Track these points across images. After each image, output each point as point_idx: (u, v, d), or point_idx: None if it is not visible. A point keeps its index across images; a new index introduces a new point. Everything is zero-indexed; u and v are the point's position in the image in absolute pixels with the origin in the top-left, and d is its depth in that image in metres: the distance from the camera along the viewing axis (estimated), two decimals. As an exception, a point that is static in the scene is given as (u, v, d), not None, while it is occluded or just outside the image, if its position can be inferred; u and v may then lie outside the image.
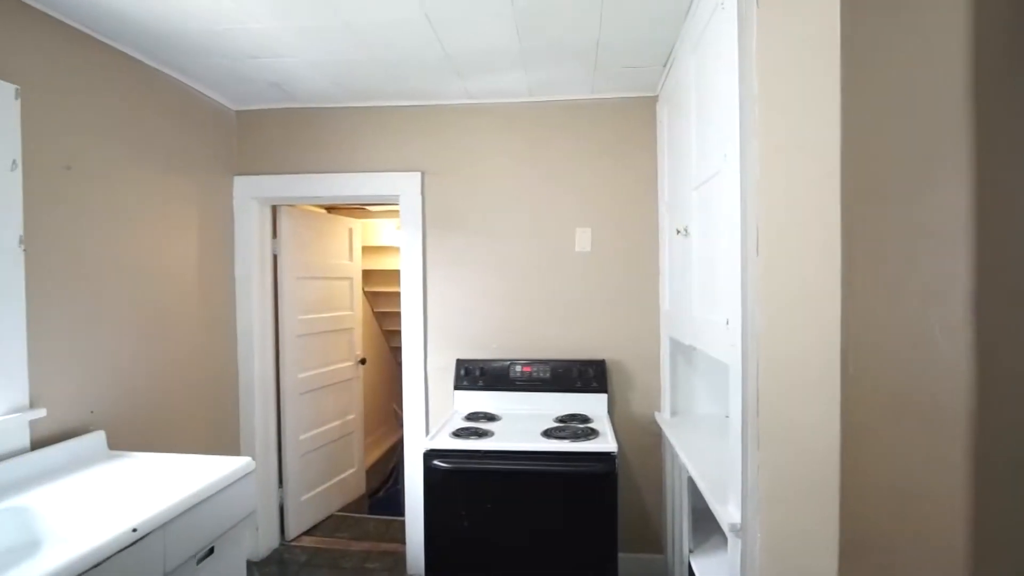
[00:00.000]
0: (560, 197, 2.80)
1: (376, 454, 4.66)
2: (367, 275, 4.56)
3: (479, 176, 2.84)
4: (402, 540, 3.01)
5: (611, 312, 2.78)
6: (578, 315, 2.79)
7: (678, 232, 2.18)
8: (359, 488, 3.90)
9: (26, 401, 1.77)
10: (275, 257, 3.12)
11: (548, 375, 2.71)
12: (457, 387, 2.76)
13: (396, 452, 4.93)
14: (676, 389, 2.60)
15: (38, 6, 1.84)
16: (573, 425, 2.42)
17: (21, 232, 1.76)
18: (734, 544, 1.47)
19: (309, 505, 3.33)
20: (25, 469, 1.71)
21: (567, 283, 2.80)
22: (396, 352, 5.34)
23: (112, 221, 2.14)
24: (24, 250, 1.77)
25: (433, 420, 2.88)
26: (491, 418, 2.58)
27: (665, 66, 2.41)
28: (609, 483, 2.09)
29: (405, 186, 2.86)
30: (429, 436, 2.32)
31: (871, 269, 1.18)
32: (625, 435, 2.73)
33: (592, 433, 2.29)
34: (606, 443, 2.17)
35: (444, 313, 2.87)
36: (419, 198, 2.85)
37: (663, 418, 2.61)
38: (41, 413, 1.80)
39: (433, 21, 1.99)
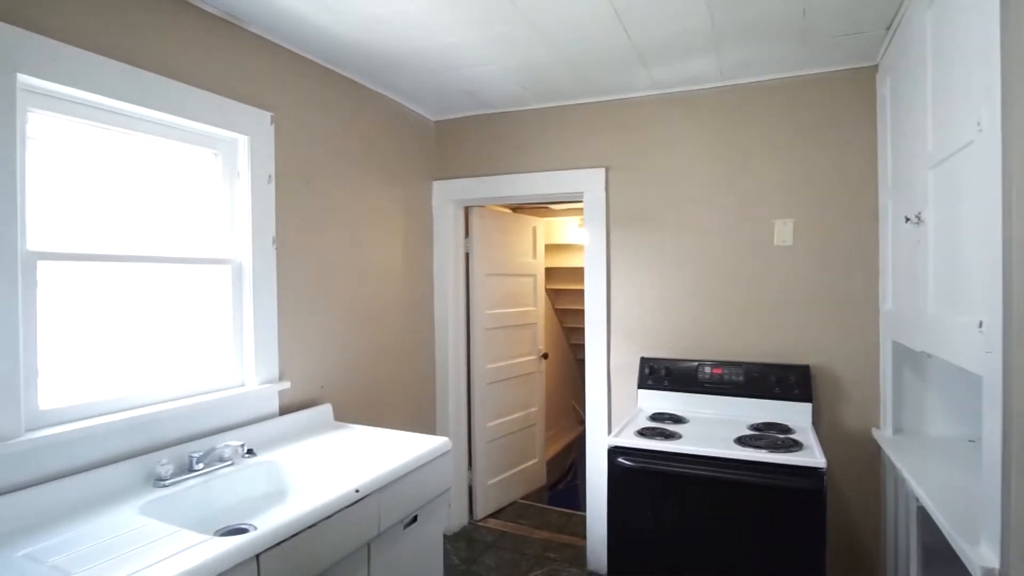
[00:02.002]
0: (756, 187, 2.58)
1: (555, 448, 4.76)
2: (549, 272, 4.69)
3: (666, 168, 2.74)
4: (582, 535, 3.03)
5: (817, 312, 2.48)
6: (777, 315, 2.55)
7: (907, 220, 1.87)
8: (540, 479, 4.02)
9: (276, 374, 2.13)
10: (467, 255, 3.35)
11: (741, 379, 2.51)
12: (641, 386, 2.70)
13: (575, 448, 4.99)
14: (900, 402, 2.24)
15: (288, 45, 2.19)
16: (771, 434, 2.21)
17: (274, 234, 2.12)
18: (988, 593, 1.22)
19: (494, 489, 3.52)
20: (275, 431, 2.05)
21: (764, 280, 2.57)
22: (575, 348, 5.40)
23: (338, 224, 2.48)
24: (276, 249, 2.13)
25: (615, 418, 2.84)
26: (677, 420, 2.47)
27: (888, 29, 2.09)
28: (816, 502, 1.87)
29: (589, 182, 2.87)
30: (613, 433, 2.30)
31: None
32: (833, 451, 2.41)
33: (794, 445, 2.07)
34: (812, 457, 1.95)
35: (628, 310, 2.82)
36: (603, 194, 2.84)
37: (883, 435, 2.27)
38: (286, 385, 2.15)
39: (619, 10, 1.96)
